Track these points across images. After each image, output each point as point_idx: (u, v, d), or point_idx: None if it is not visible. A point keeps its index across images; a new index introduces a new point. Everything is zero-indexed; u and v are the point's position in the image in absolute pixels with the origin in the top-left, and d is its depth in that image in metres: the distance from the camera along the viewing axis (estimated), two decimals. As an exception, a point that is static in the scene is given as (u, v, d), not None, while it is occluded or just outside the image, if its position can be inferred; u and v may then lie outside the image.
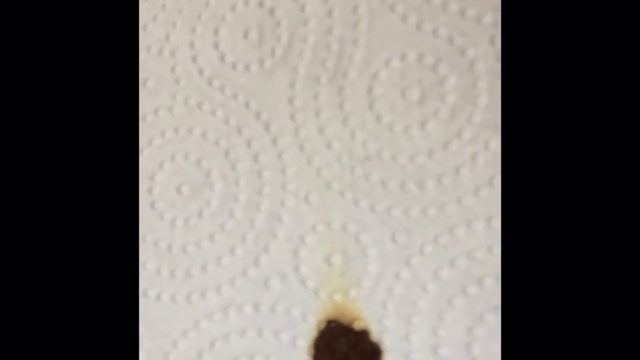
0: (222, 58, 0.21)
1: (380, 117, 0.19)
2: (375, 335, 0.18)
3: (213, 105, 0.21)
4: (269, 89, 0.20)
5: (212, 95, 0.21)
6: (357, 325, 0.19)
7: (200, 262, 0.20)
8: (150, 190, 0.21)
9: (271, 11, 0.20)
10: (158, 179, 0.21)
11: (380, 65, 0.19)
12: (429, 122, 0.18)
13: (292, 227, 0.19)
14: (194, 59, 0.21)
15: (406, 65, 0.19)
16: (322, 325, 0.19)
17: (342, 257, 0.19)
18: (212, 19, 0.21)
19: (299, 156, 0.20)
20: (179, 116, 0.21)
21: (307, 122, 0.20)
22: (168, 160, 0.21)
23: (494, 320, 0.17)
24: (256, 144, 0.20)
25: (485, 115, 0.18)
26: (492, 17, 0.18)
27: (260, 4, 0.20)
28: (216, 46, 0.21)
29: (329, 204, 0.19)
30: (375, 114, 0.19)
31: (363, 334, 0.19)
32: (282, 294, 0.19)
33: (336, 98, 0.19)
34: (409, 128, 0.18)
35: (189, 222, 0.21)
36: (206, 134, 0.21)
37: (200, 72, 0.21)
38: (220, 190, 0.20)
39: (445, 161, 0.18)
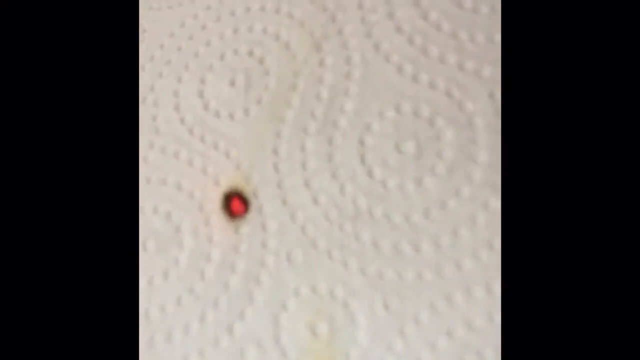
0: (205, 106, 0.19)
1: (372, 170, 0.17)
2: (362, 419, 0.16)
3: (191, 154, 0.19)
4: (252, 138, 0.19)
5: (191, 144, 0.19)
6: (342, 407, 0.16)
7: (164, 330, 0.18)
8: (113, 245, 0.19)
9: (261, 60, 0.19)
10: (123, 232, 0.19)
11: (373, 116, 0.18)
12: (425, 179, 0.17)
13: (272, 290, 0.17)
14: (177, 107, 0.20)
15: (401, 117, 0.18)
16: (302, 406, 0.16)
17: (328, 326, 0.17)
18: (199, 68, 0.20)
19: (281, 210, 0.18)
20: (154, 165, 0.19)
21: (291, 174, 0.18)
22: (136, 212, 0.19)
23: (500, 403, 0.15)
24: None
25: (485, 174, 0.17)
26: (491, 71, 0.17)
27: (250, 53, 0.20)
28: (201, 94, 0.20)
29: (314, 264, 0.17)
30: (366, 167, 0.18)
31: (348, 418, 0.16)
32: (256, 368, 0.17)
33: (325, 149, 0.18)
34: (403, 184, 0.17)
35: (153, 283, 0.18)
36: (180, 184, 0.19)
37: (182, 120, 0.20)
38: (190, 247, 0.18)
39: (442, 221, 0.17)
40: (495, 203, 0.16)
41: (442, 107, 0.17)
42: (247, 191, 0.18)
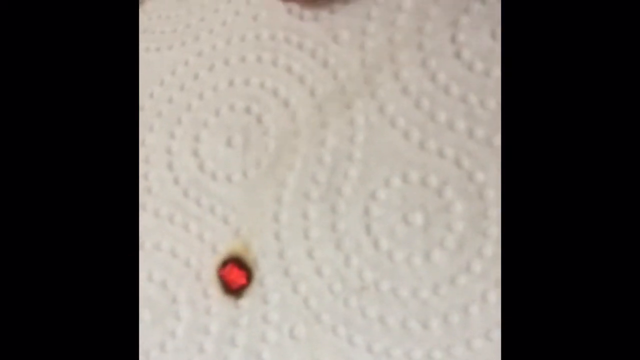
0: (200, 166, 0.19)
1: (378, 242, 0.17)
2: None
3: (186, 219, 0.18)
4: (251, 202, 0.18)
5: (186, 207, 0.18)
6: None
7: (160, 406, 0.17)
8: (105, 314, 0.18)
9: (259, 118, 0.18)
10: (116, 302, 0.18)
11: (379, 184, 0.17)
12: (434, 252, 0.16)
13: (274, 367, 0.17)
14: (170, 165, 0.19)
15: (408, 187, 0.17)
16: None
17: (331, 406, 0.16)
18: (192, 124, 0.19)
19: (283, 282, 0.17)
20: (146, 229, 0.18)
21: (293, 243, 0.17)
22: (129, 280, 0.18)
23: None
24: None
25: (497, 249, 0.16)
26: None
27: (247, 110, 0.19)
28: (195, 153, 0.19)
29: (318, 340, 0.17)
30: (372, 238, 0.17)
31: None
32: None
33: (328, 217, 0.17)
34: (410, 257, 0.16)
35: (149, 356, 0.17)
36: (175, 251, 0.18)
37: (176, 180, 0.19)
38: (188, 318, 0.17)
39: (452, 298, 0.16)
40: (506, 279, 0.16)
41: (451, 177, 0.17)
42: (247, 260, 0.17)
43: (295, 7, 0.19)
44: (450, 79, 0.17)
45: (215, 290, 0.17)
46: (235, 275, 0.17)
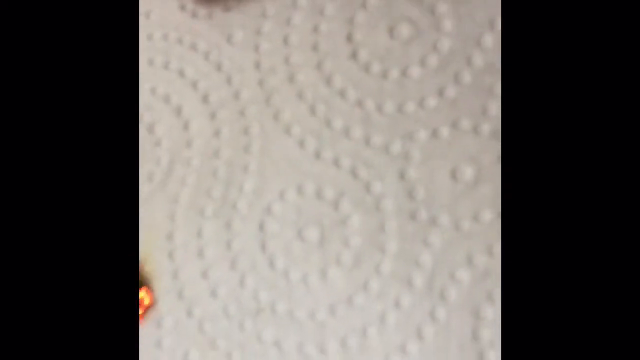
0: (88, 183, 0.17)
1: (273, 260, 0.16)
2: None
3: (77, 239, 0.17)
4: (143, 222, 0.17)
5: (76, 227, 0.17)
6: None
7: None
8: None
9: (150, 128, 0.17)
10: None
11: (274, 197, 0.16)
12: (330, 270, 0.15)
13: (167, 395, 0.16)
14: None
15: (303, 199, 0.16)
16: None
17: None
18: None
19: (177, 304, 0.16)
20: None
21: (188, 263, 0.16)
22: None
23: None
24: (126, 290, 0.16)
25: (396, 265, 0.15)
26: (401, 146, 0.15)
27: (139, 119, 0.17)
28: (81, 168, 0.17)
29: (213, 366, 0.16)
30: (268, 256, 0.16)
31: None
32: None
33: (223, 234, 0.16)
34: (307, 276, 0.15)
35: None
36: (68, 273, 0.17)
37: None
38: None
39: (349, 319, 0.15)
40: (407, 300, 0.15)
41: (347, 188, 0.15)
42: (141, 282, 0.16)
43: (189, 4, 0.18)
44: (346, 82, 0.16)
45: (107, 315, 0.16)
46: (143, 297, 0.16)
